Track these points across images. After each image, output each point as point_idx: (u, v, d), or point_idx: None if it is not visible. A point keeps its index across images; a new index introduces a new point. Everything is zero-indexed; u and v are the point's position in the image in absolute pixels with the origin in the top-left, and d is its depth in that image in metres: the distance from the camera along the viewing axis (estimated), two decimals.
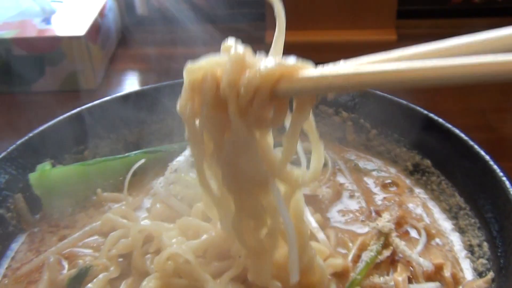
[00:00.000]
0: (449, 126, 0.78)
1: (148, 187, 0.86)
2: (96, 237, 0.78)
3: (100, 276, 0.69)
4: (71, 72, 1.36)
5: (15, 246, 0.78)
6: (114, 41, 1.50)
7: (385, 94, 0.87)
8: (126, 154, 0.88)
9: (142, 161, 0.81)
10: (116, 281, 0.71)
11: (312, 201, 0.80)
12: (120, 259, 0.73)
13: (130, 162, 0.87)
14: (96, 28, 1.38)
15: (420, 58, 0.45)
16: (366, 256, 0.70)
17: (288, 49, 1.13)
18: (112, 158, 0.87)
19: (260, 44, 0.57)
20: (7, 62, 1.35)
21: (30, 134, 0.84)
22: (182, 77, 0.99)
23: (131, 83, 1.46)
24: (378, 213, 0.77)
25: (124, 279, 0.71)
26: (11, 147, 0.81)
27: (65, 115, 0.88)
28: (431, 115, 0.81)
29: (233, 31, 1.45)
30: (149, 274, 0.67)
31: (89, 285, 0.68)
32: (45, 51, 1.33)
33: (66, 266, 0.74)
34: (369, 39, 1.39)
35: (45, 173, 0.81)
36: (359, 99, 0.89)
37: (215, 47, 0.62)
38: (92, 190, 0.84)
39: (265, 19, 1.34)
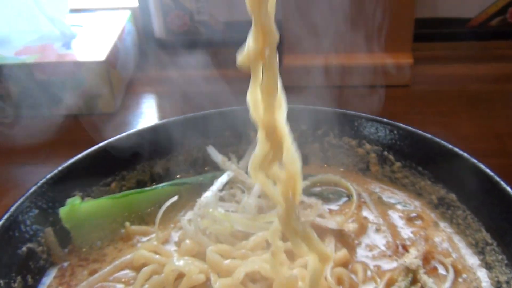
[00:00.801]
0: (474, 161, 0.79)
1: (175, 220, 0.87)
2: (126, 271, 0.79)
3: None
4: (90, 96, 1.38)
5: (46, 280, 0.79)
6: (133, 65, 1.52)
7: (409, 127, 0.88)
8: (153, 187, 0.89)
9: (175, 198, 0.82)
10: None
11: (338, 235, 0.81)
12: None
13: (157, 194, 0.89)
14: (115, 52, 1.40)
15: None
16: None
17: (306, 72, 1.15)
18: (140, 191, 0.88)
19: None
20: (28, 87, 1.37)
21: (60, 168, 0.85)
22: (202, 104, 1.02)
23: (149, 107, 1.48)
24: (405, 248, 0.77)
25: None
26: (41, 181, 0.82)
27: (93, 148, 0.89)
28: (456, 149, 0.81)
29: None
30: None
31: None
32: (65, 76, 1.35)
33: None
34: (385, 63, 1.40)
35: (74, 208, 0.82)
36: (382, 132, 0.90)
37: (233, 70, 0.63)
38: (120, 223, 0.85)
39: (282, 43, 1.36)
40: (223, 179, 0.85)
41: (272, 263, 0.69)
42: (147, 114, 1.43)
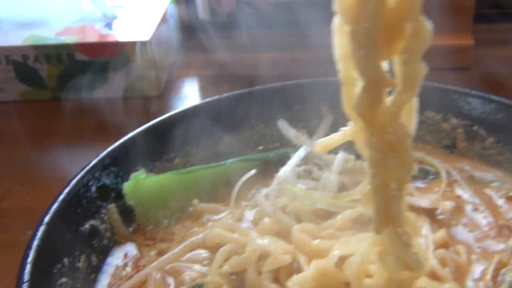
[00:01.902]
0: None
1: (246, 197, 0.79)
2: (199, 251, 0.71)
3: None
4: (135, 78, 1.31)
5: (111, 260, 0.72)
6: (176, 47, 1.45)
7: (504, 99, 0.79)
8: (221, 163, 0.82)
9: (253, 172, 0.74)
10: None
11: (431, 215, 0.73)
12: (232, 277, 0.66)
13: (225, 171, 0.81)
14: (159, 33, 1.33)
15: None
16: (509, 276, 0.62)
17: None
18: (207, 167, 0.81)
19: None
20: (70, 68, 1.30)
21: (121, 141, 0.78)
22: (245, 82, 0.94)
23: (193, 90, 1.41)
24: (511, 229, 0.69)
25: None
26: (103, 154, 0.75)
27: (156, 121, 0.82)
28: None
29: (295, 36, 1.39)
30: None
31: None
32: (108, 57, 1.28)
33: (172, 283, 0.67)
34: (446, 44, 1.32)
35: (139, 182, 0.75)
36: (472, 105, 0.81)
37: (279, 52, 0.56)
38: (187, 201, 0.78)
39: None
40: (300, 153, 0.78)
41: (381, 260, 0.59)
42: (191, 98, 1.35)
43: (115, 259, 0.72)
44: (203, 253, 0.71)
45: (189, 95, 1.35)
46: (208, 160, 0.85)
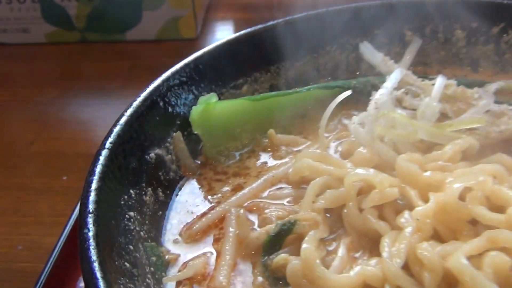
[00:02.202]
0: None
1: (328, 128, 0.68)
2: (281, 186, 0.61)
3: (311, 233, 0.52)
4: (170, 18, 1.19)
5: (180, 196, 0.61)
6: None
7: None
8: (297, 90, 0.70)
9: (348, 92, 0.63)
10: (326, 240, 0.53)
11: None
12: (327, 215, 0.55)
13: (302, 99, 0.70)
14: None
15: None
16: None
17: None
18: (282, 93, 0.70)
19: None
20: (101, 6, 1.18)
21: (185, 61, 0.67)
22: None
23: (229, 34, 1.29)
24: None
25: (335, 238, 0.54)
26: (168, 73, 0.64)
27: (223, 41, 0.70)
28: None
29: None
30: (372, 233, 0.51)
31: (304, 244, 0.50)
32: None
33: (256, 221, 0.57)
34: None
35: (209, 107, 0.64)
36: None
37: None
38: (261, 131, 0.67)
39: None
40: (396, 75, 0.66)
41: None
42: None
43: (184, 195, 0.62)
44: (286, 188, 0.61)
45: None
46: (278, 89, 0.74)
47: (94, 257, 0.44)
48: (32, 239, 0.83)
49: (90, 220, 0.47)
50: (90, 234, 0.45)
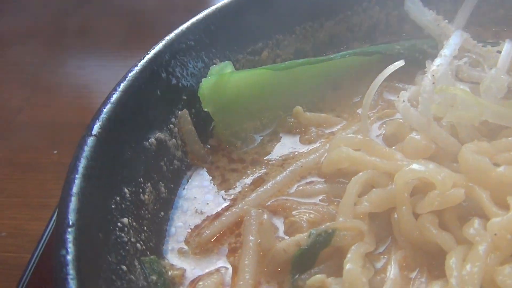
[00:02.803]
0: None
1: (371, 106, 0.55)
2: (311, 179, 0.49)
3: (355, 248, 0.40)
4: None
5: (186, 191, 0.49)
6: None
7: None
8: (328, 57, 0.58)
9: (400, 63, 0.50)
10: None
11: None
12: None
13: (334, 67, 0.58)
14: None
15: None
16: None
17: None
18: (308, 61, 0.57)
19: None
20: None
21: (194, 20, 0.53)
22: None
23: None
24: None
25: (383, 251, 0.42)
26: (171, 36, 0.51)
27: None
28: None
29: None
30: (432, 246, 0.40)
31: (348, 265, 0.39)
32: None
33: (281, 225, 0.45)
34: None
35: (223, 80, 0.51)
36: None
37: None
38: (285, 108, 0.54)
39: None
40: (455, 40, 0.53)
41: None
42: None
43: (192, 189, 0.50)
44: (318, 182, 0.49)
45: None
46: (305, 55, 0.61)
47: None
48: (17, 225, 0.73)
49: (69, 236, 0.35)
50: (69, 257, 0.34)
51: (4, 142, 0.84)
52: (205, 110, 0.52)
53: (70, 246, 0.35)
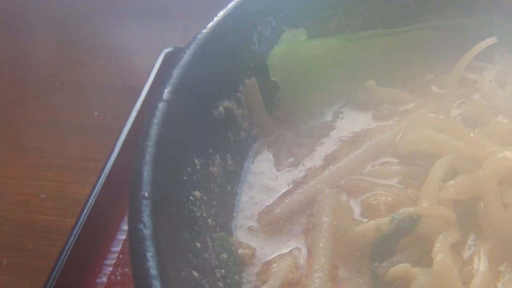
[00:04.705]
0: None
1: (439, 82, 0.52)
2: (386, 159, 0.46)
3: (442, 236, 0.37)
4: None
5: (254, 165, 0.46)
6: None
7: None
8: (404, 29, 0.54)
9: (492, 40, 0.46)
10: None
11: None
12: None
13: (410, 40, 0.54)
14: None
15: None
16: None
17: None
18: (384, 33, 0.53)
19: None
20: None
21: None
22: None
23: None
24: None
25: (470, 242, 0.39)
26: (233, 3, 0.47)
27: None
28: None
29: None
30: None
31: (440, 255, 0.36)
32: None
33: (357, 208, 0.42)
34: None
35: (294, 48, 0.48)
36: None
37: None
38: (355, 81, 0.51)
39: None
40: None
41: None
42: None
43: (259, 163, 0.47)
44: (393, 163, 0.46)
45: None
46: (374, 26, 0.57)
47: (153, 271, 0.30)
48: (57, 187, 0.70)
49: (145, 209, 0.32)
50: (147, 232, 0.31)
51: (42, 100, 0.81)
52: (272, 79, 0.49)
53: (148, 220, 0.32)
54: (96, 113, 0.79)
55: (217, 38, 0.46)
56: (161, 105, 0.39)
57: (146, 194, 0.33)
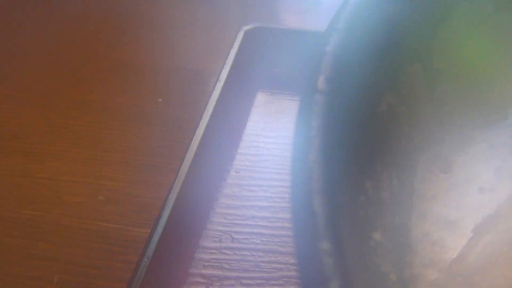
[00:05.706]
0: None
1: None
2: None
3: None
4: None
5: (419, 185, 0.33)
6: None
7: None
8: None
9: None
10: None
11: None
12: None
13: None
14: None
15: None
16: None
17: None
18: None
19: None
20: None
21: None
22: None
23: None
24: None
25: None
26: None
27: None
28: None
29: None
30: None
31: None
32: None
33: None
34: None
35: (475, 24, 0.34)
36: None
37: None
38: None
39: None
40: None
41: None
42: None
43: (426, 184, 0.33)
44: None
45: None
46: None
47: None
48: (117, 187, 0.58)
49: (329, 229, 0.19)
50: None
51: (96, 82, 0.69)
52: (438, 67, 0.36)
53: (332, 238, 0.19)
54: (160, 99, 0.67)
55: (373, 11, 0.32)
56: (318, 98, 0.26)
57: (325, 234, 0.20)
